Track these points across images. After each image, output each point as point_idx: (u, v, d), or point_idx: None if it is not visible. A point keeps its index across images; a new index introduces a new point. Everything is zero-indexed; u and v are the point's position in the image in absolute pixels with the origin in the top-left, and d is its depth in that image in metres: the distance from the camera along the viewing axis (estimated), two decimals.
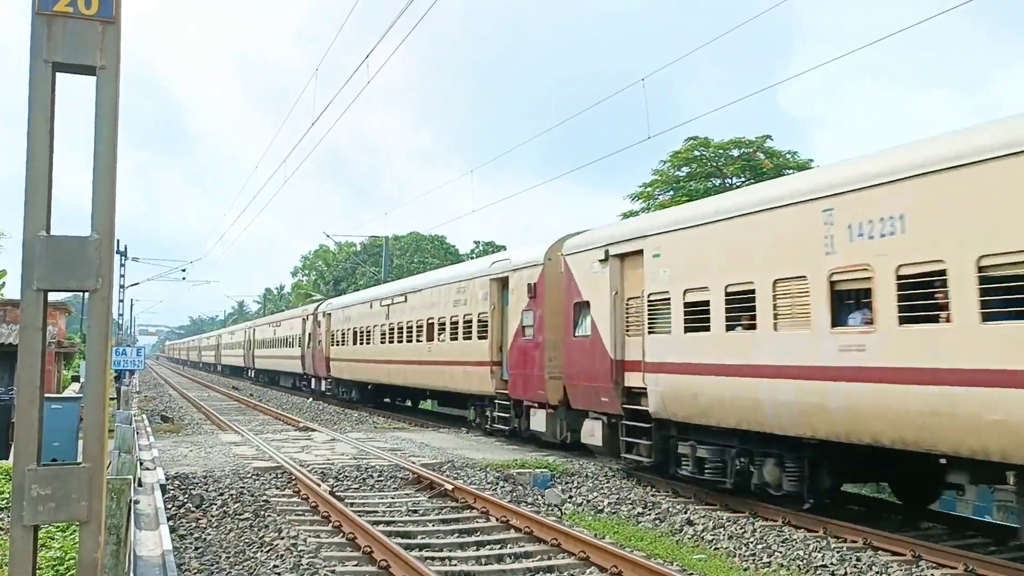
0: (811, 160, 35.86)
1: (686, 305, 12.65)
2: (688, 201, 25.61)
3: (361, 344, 31.81)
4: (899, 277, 9.21)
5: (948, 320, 8.70)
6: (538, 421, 17.89)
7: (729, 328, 11.77)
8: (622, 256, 14.79)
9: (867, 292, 9.66)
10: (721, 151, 37.07)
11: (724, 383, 11.73)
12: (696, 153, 37.09)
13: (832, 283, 10.09)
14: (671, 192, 37.25)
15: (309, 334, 40.43)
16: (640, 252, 14.11)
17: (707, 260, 12.36)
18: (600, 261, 15.27)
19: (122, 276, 47.84)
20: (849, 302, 10.09)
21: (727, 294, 11.82)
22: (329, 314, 37.01)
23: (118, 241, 47.88)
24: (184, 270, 58.43)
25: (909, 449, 9.27)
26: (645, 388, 13.61)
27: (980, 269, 8.40)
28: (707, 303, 12.19)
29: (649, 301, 13.71)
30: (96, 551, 3.23)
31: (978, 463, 8.76)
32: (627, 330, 14.56)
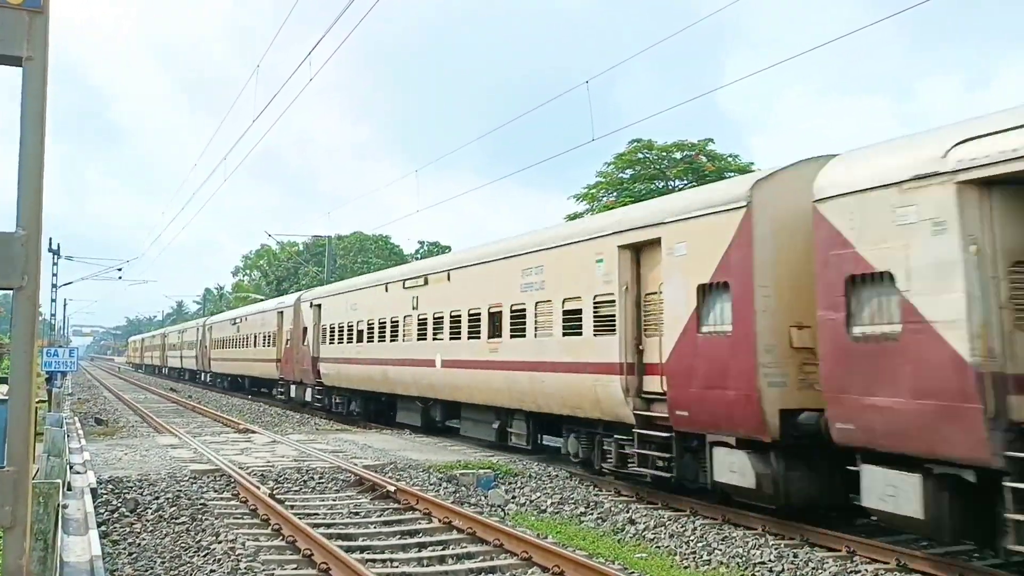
0: (752, 163, 36.49)
1: None
2: (632, 202, 25.85)
3: (369, 341, 24.57)
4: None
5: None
6: (735, 467, 11.08)
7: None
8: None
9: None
10: (664, 153, 37.53)
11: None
12: (640, 155, 37.50)
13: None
14: (615, 194, 37.59)
15: (288, 330, 33.64)
16: None
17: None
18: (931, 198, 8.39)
19: (54, 275, 46.49)
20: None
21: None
22: (318, 304, 29.95)
23: (50, 239, 46.61)
24: (120, 269, 57.12)
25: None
26: None
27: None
28: None
29: None
30: (21, 558, 3.12)
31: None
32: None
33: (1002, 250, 8.07)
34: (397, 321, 22.62)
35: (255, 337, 39.58)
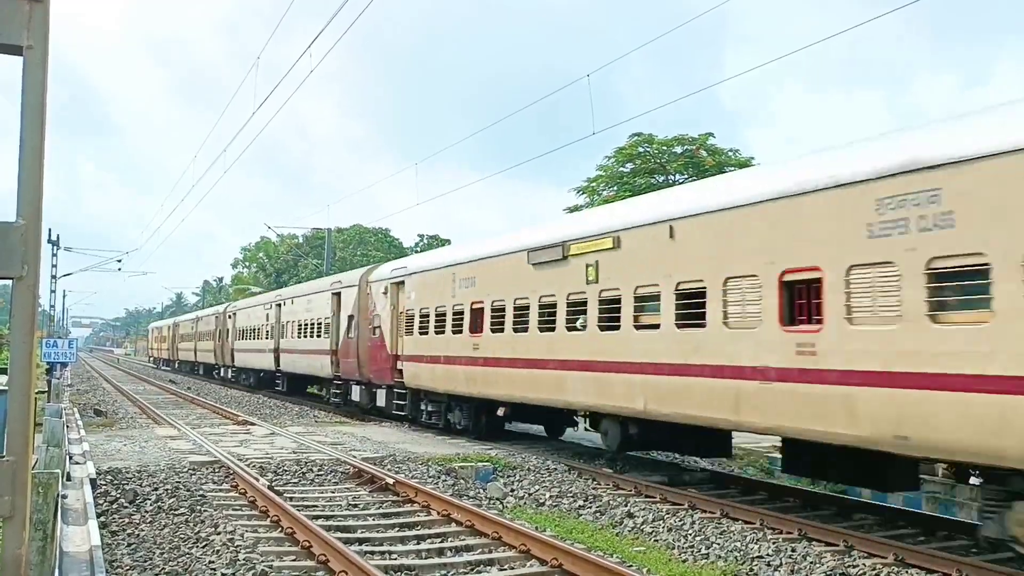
0: (752, 158, 36.47)
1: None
2: (631, 196, 25.82)
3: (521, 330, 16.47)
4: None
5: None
6: None
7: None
8: None
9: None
10: (664, 148, 37.48)
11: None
12: (640, 150, 37.44)
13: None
14: (615, 188, 37.55)
15: (348, 316, 26.30)
16: None
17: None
18: None
19: (54, 266, 46.45)
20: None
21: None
22: (399, 282, 22.71)
23: (49, 230, 46.58)
24: (120, 261, 57.13)
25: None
26: None
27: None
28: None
29: None
30: (20, 547, 3.12)
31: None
32: None
33: None
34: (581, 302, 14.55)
35: (299, 326, 31.98)
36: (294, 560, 9.16)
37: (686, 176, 35.61)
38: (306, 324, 31.06)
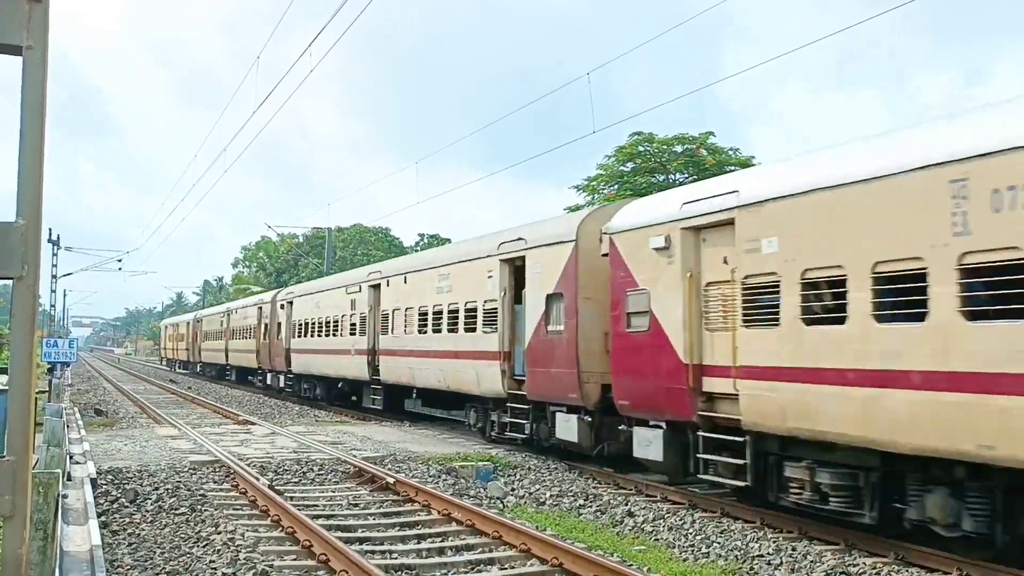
0: (752, 157, 36.46)
1: None
2: (633, 196, 25.73)
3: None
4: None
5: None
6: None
7: None
8: None
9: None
10: (665, 147, 37.49)
11: None
12: (640, 149, 37.45)
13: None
14: (616, 186, 37.56)
15: (555, 296, 15.17)
16: None
17: None
18: None
19: (54, 266, 46.47)
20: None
21: None
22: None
23: (49, 230, 46.62)
24: (120, 260, 57.19)
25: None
26: None
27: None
28: None
29: None
30: (21, 547, 3.12)
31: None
32: None
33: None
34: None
35: (426, 314, 20.79)
36: (295, 559, 9.17)
37: (687, 175, 35.61)
38: (450, 310, 19.57)
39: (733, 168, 32.66)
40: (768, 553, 9.73)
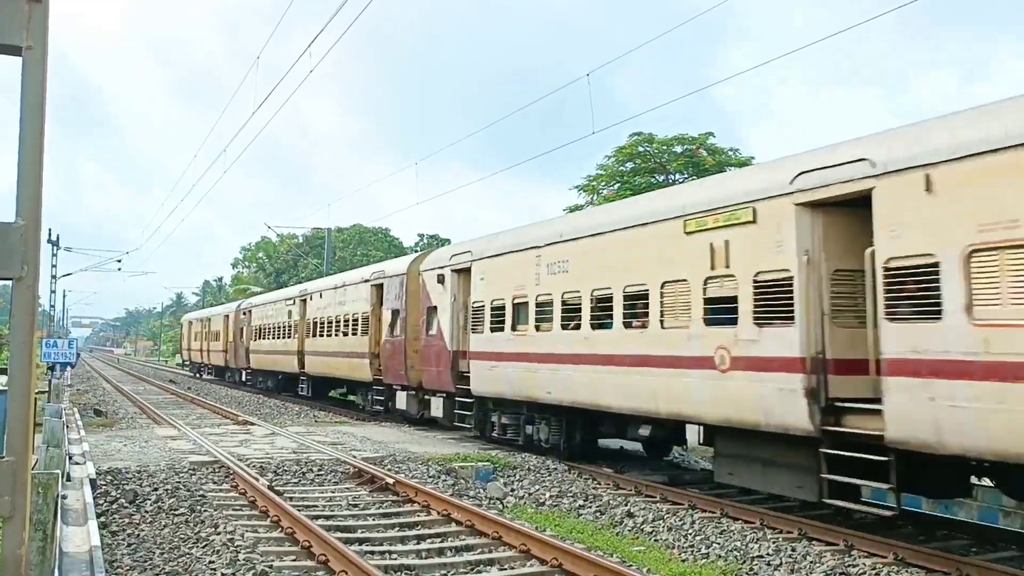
0: (752, 157, 36.47)
1: None
2: (632, 195, 25.79)
3: None
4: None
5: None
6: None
7: None
8: None
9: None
10: (665, 147, 37.49)
11: None
12: (640, 149, 37.45)
13: None
14: (616, 186, 37.58)
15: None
16: None
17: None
18: None
19: (53, 266, 46.44)
20: None
21: None
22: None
23: (49, 230, 46.59)
24: (120, 261, 57.17)
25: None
26: None
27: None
28: None
29: None
30: (20, 547, 3.12)
31: None
32: None
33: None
34: None
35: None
36: (294, 560, 9.16)
37: (686, 175, 35.62)
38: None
39: (733, 167, 32.67)
40: (768, 554, 9.73)
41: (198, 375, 55.73)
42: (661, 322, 12.42)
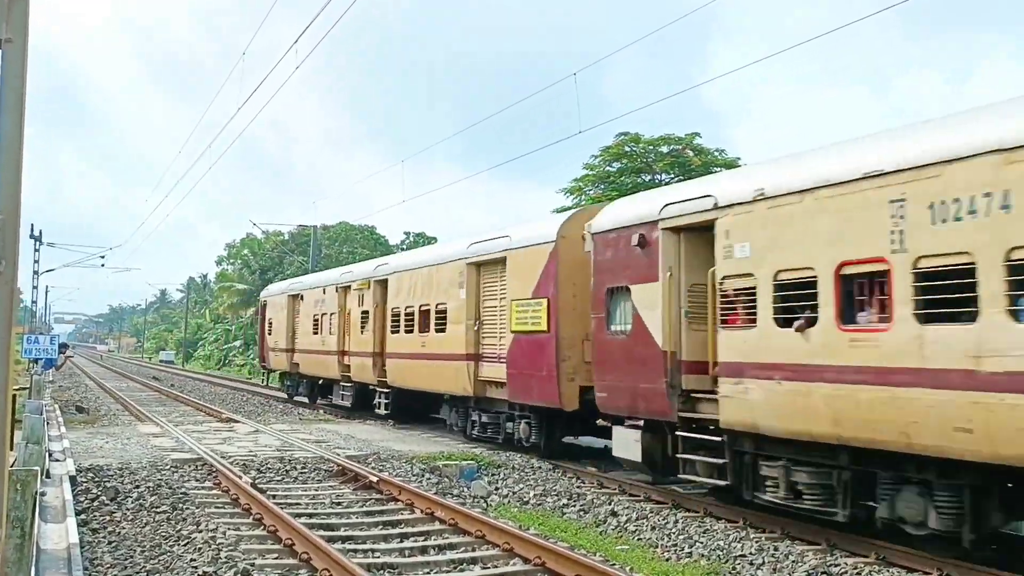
0: (738, 158, 36.55)
1: None
2: (619, 196, 25.79)
3: None
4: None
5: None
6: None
7: None
8: None
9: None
10: (651, 147, 37.53)
11: None
12: (627, 149, 37.47)
13: None
14: (603, 187, 37.59)
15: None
16: None
17: None
18: None
19: (36, 262, 46.05)
20: None
21: None
22: None
23: (31, 225, 46.16)
24: (103, 257, 56.72)
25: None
26: None
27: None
28: None
29: None
30: None
31: None
32: None
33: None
34: None
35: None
36: (276, 558, 9.12)
37: (673, 176, 35.68)
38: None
39: (719, 168, 32.76)
40: (750, 553, 9.77)
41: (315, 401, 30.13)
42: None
